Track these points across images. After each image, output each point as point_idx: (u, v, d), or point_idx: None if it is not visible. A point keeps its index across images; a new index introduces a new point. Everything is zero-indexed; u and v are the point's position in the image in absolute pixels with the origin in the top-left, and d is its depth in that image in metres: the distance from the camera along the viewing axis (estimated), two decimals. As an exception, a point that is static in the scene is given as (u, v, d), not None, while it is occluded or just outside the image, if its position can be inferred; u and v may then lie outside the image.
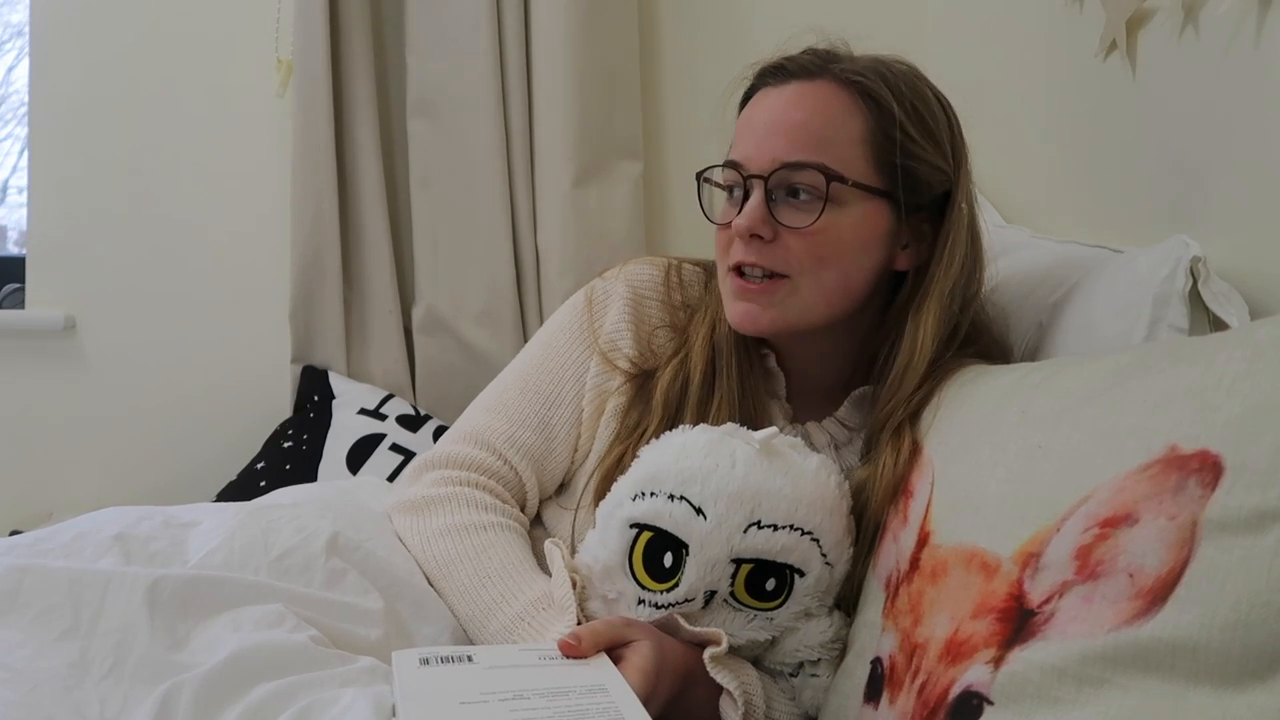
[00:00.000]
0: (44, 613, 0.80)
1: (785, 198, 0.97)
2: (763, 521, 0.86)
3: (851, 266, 0.99)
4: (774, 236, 0.97)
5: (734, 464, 0.87)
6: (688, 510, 0.86)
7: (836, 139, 0.97)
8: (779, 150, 0.97)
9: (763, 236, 0.96)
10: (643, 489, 0.89)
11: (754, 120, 1.02)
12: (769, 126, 0.99)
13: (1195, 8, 1.07)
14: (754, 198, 0.97)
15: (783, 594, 0.88)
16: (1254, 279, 0.97)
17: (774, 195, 0.97)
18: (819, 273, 0.97)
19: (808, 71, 1.00)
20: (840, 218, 0.96)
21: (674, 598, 0.87)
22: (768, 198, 0.97)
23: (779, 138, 0.98)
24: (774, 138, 0.98)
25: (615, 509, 0.90)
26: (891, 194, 0.98)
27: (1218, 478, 0.59)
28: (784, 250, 0.97)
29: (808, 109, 0.98)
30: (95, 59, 1.80)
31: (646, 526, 0.87)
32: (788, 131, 0.98)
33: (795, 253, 0.97)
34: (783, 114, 0.99)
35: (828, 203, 0.95)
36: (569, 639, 0.82)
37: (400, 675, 0.77)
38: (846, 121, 0.98)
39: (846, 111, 0.98)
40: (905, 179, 0.98)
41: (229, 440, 1.75)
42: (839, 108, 0.98)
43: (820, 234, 0.96)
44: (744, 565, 0.86)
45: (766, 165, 0.97)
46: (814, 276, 0.97)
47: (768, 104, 1.01)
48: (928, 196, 1.00)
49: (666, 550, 0.87)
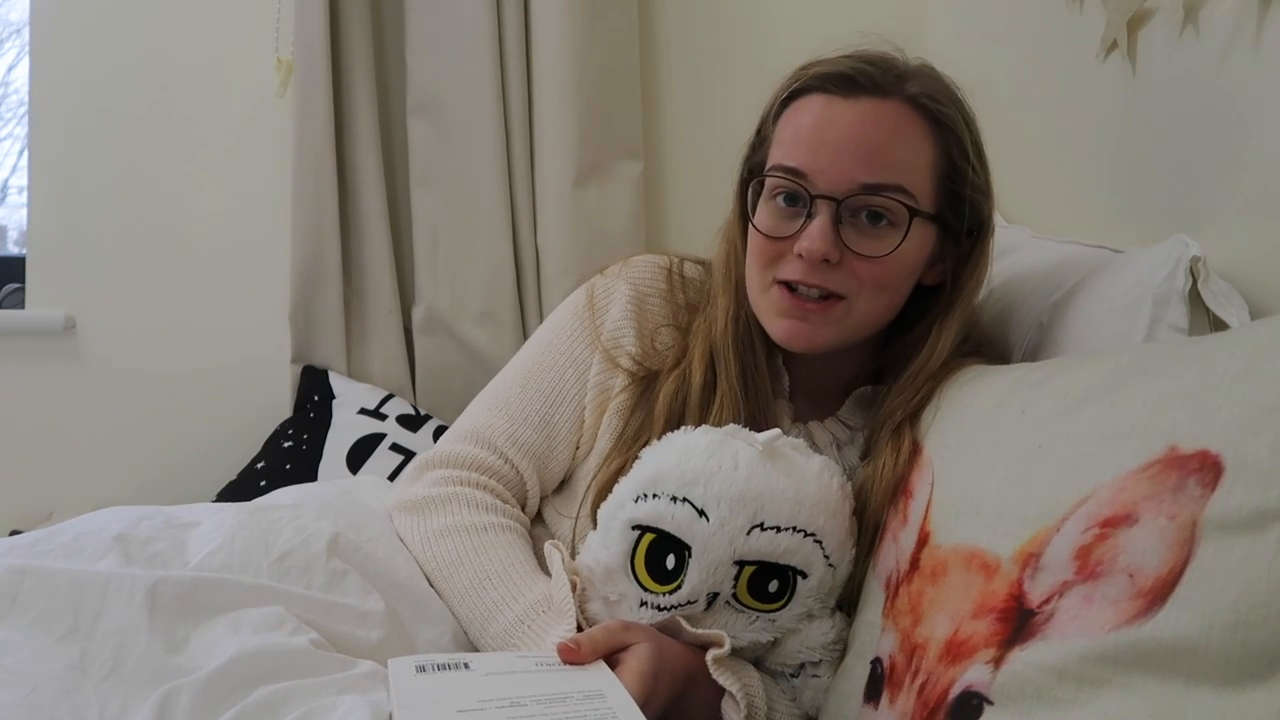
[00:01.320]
0: (44, 614, 0.79)
1: (850, 218, 0.94)
2: (765, 523, 0.86)
3: (902, 290, 0.99)
4: (840, 260, 0.94)
5: (736, 466, 0.87)
6: (690, 512, 0.86)
7: (913, 165, 0.95)
8: (856, 171, 0.93)
9: (830, 261, 0.94)
10: (645, 491, 0.89)
11: (820, 131, 0.96)
12: (843, 143, 0.94)
13: (1195, 8, 1.07)
14: (823, 219, 0.93)
15: (785, 596, 0.88)
16: (1254, 279, 0.97)
17: (840, 217, 0.94)
18: (876, 296, 0.96)
19: (880, 89, 0.96)
20: (906, 245, 0.95)
21: (676, 600, 0.87)
22: (836, 219, 0.94)
23: (856, 156, 0.93)
24: (850, 155, 0.93)
25: (617, 511, 0.90)
26: (946, 219, 0.98)
27: (1218, 477, 0.59)
28: (848, 274, 0.95)
29: (886, 130, 0.95)
30: (95, 58, 1.79)
31: (649, 528, 0.87)
32: (865, 150, 0.94)
33: (860, 277, 0.95)
34: (858, 132, 0.94)
35: (907, 234, 0.93)
36: (568, 644, 0.82)
37: (396, 683, 0.77)
38: (921, 147, 0.96)
39: (921, 137, 0.96)
40: (961, 208, 0.98)
41: (229, 440, 1.75)
42: (914, 133, 0.96)
43: (890, 262, 0.94)
44: (747, 567, 0.86)
45: (842, 185, 0.93)
46: (871, 300, 0.96)
47: (835, 116, 0.96)
48: (974, 222, 1.00)
49: (669, 552, 0.87)
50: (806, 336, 0.97)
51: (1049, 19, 1.38)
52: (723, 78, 1.83)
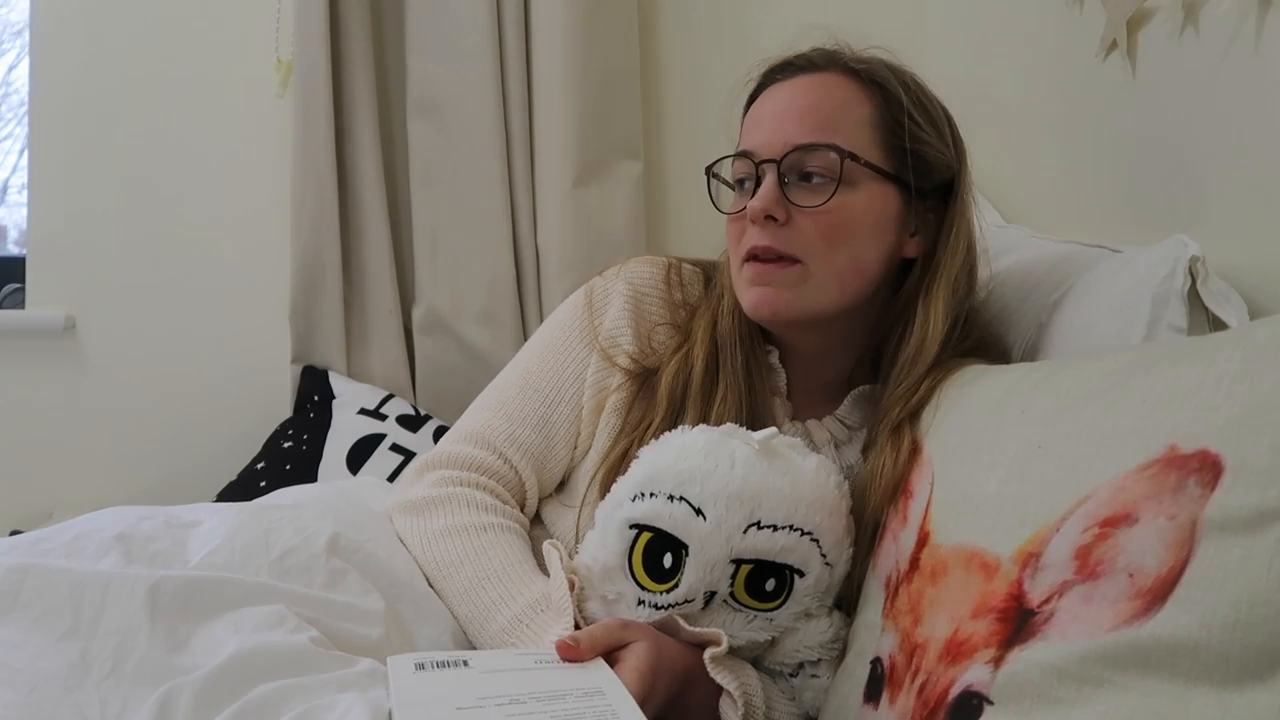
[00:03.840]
0: (45, 613, 0.79)
1: (798, 181, 0.98)
2: (762, 522, 0.86)
3: (862, 249, 1.00)
4: (787, 219, 0.97)
5: (733, 464, 0.87)
6: (687, 511, 0.86)
7: (846, 121, 0.99)
8: (790, 134, 0.98)
9: (776, 219, 0.97)
10: (642, 490, 0.89)
11: (763, 112, 1.03)
12: (778, 114, 1.01)
13: (1195, 8, 1.07)
14: (767, 181, 0.98)
15: (782, 594, 0.88)
16: (1253, 278, 0.97)
17: (786, 179, 0.98)
18: (832, 254, 0.98)
19: (814, 65, 1.03)
20: (852, 198, 0.98)
21: (674, 598, 0.87)
22: (780, 181, 0.98)
23: (789, 123, 0.99)
24: (784, 123, 1.00)
25: (615, 510, 0.90)
26: (900, 178, 1.00)
27: (1217, 477, 0.59)
28: (797, 233, 0.98)
29: (816, 94, 1.01)
30: (95, 58, 1.80)
31: (646, 527, 0.87)
32: (798, 116, 0.99)
33: (808, 234, 0.97)
34: (792, 101, 1.01)
35: (840, 183, 0.97)
36: (567, 641, 0.82)
37: (396, 681, 0.77)
38: (855, 106, 1.00)
39: (854, 97, 1.01)
40: (913, 162, 1.00)
41: (229, 440, 1.75)
42: (847, 93, 1.01)
43: (833, 213, 0.97)
44: (744, 566, 0.86)
45: (779, 149, 0.98)
46: (827, 259, 0.98)
47: (776, 96, 1.03)
48: (934, 182, 1.02)
49: (666, 551, 0.87)
50: (770, 301, 0.99)
51: (1049, 19, 1.38)
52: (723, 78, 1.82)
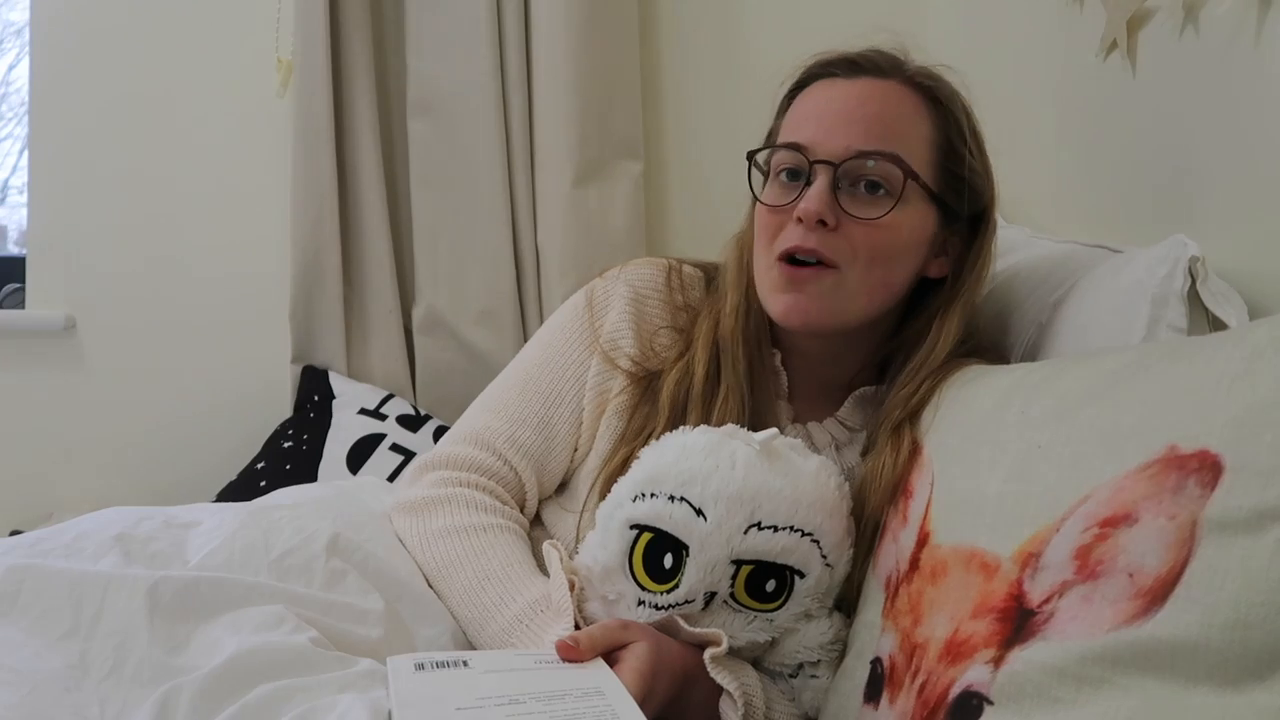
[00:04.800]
0: (44, 614, 0.79)
1: (849, 188, 0.96)
2: (763, 523, 0.86)
3: (897, 266, 0.99)
4: (836, 225, 0.95)
5: (734, 465, 0.87)
6: (688, 511, 0.86)
7: (910, 137, 0.97)
8: (853, 138, 0.95)
9: (827, 223, 0.95)
10: (643, 490, 0.89)
11: (819, 108, 1.00)
12: (841, 115, 0.97)
13: (1195, 8, 1.07)
14: (820, 182, 0.95)
15: (783, 595, 0.88)
16: (1253, 279, 0.97)
17: (839, 184, 0.95)
18: (870, 267, 0.96)
19: (879, 69, 1.00)
20: (902, 216, 0.96)
21: (674, 599, 0.87)
22: (834, 185, 0.95)
23: (853, 126, 0.96)
24: (848, 126, 0.96)
25: (615, 510, 0.90)
26: (945, 202, 0.99)
27: (1217, 477, 0.59)
28: (843, 240, 0.95)
29: (881, 102, 0.98)
30: (95, 59, 1.80)
31: (647, 528, 0.87)
32: (862, 120, 0.96)
33: (855, 244, 0.95)
34: (857, 104, 0.98)
35: (900, 199, 0.95)
36: (566, 642, 0.82)
37: (395, 681, 0.77)
38: (918, 122, 0.98)
39: (917, 112, 0.99)
40: (960, 188, 0.99)
41: (229, 440, 1.75)
42: (910, 107, 0.99)
43: (884, 229, 0.95)
44: (744, 566, 0.86)
45: (839, 152, 0.95)
46: (865, 271, 0.96)
47: (836, 93, 1.00)
48: (972, 209, 1.01)
49: (666, 551, 0.87)
50: (802, 310, 0.97)
51: (1049, 19, 1.38)
52: (723, 78, 1.83)
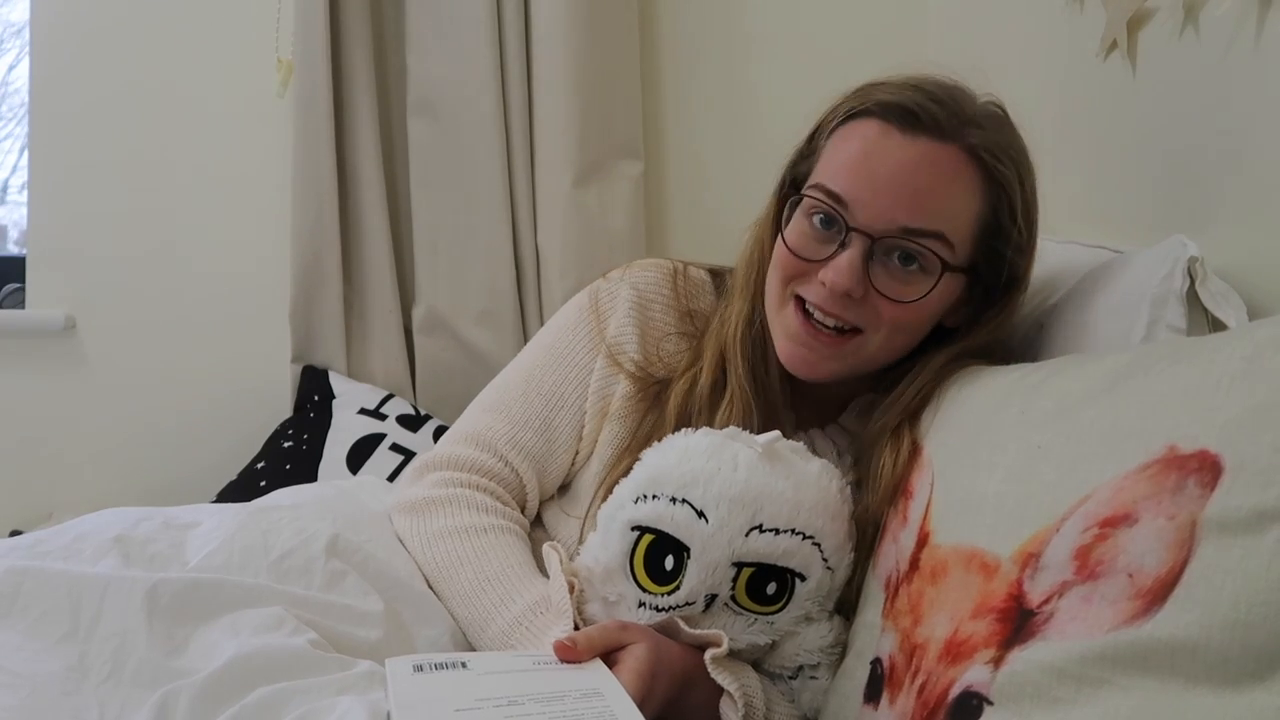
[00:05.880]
0: (43, 616, 0.79)
1: (883, 256, 0.92)
2: (764, 525, 0.85)
3: (919, 334, 0.98)
4: (863, 297, 0.93)
5: (736, 467, 0.87)
6: (689, 513, 0.86)
7: (957, 216, 0.93)
8: (899, 212, 0.91)
9: (852, 296, 0.92)
10: (644, 491, 0.88)
11: (872, 164, 0.93)
12: (892, 181, 0.92)
13: (1195, 8, 1.07)
14: (854, 252, 0.91)
15: (784, 598, 0.88)
16: (1253, 279, 0.96)
17: (873, 253, 0.92)
18: (892, 336, 0.95)
19: (940, 130, 0.92)
20: (934, 294, 0.94)
21: (675, 600, 0.86)
22: (868, 255, 0.92)
23: (901, 197, 0.91)
24: (896, 195, 0.91)
25: (617, 511, 0.90)
26: (980, 274, 0.97)
27: (1217, 477, 0.59)
28: (869, 311, 0.93)
29: (936, 174, 0.92)
30: (95, 59, 1.80)
31: (648, 529, 0.87)
32: (913, 194, 0.91)
33: (881, 316, 0.93)
34: (910, 173, 0.92)
35: (935, 285, 0.92)
36: (564, 643, 0.82)
37: (394, 683, 0.77)
38: (969, 201, 0.94)
39: (971, 190, 0.94)
40: (998, 264, 0.96)
41: (229, 440, 1.75)
42: (965, 184, 0.93)
43: (915, 308, 0.93)
44: (745, 569, 0.86)
45: (880, 224, 0.91)
46: (887, 339, 0.95)
47: (891, 153, 0.92)
48: (1009, 278, 0.98)
49: (668, 553, 0.87)
50: (811, 366, 0.97)
51: (1049, 19, 1.38)
52: (723, 78, 1.83)
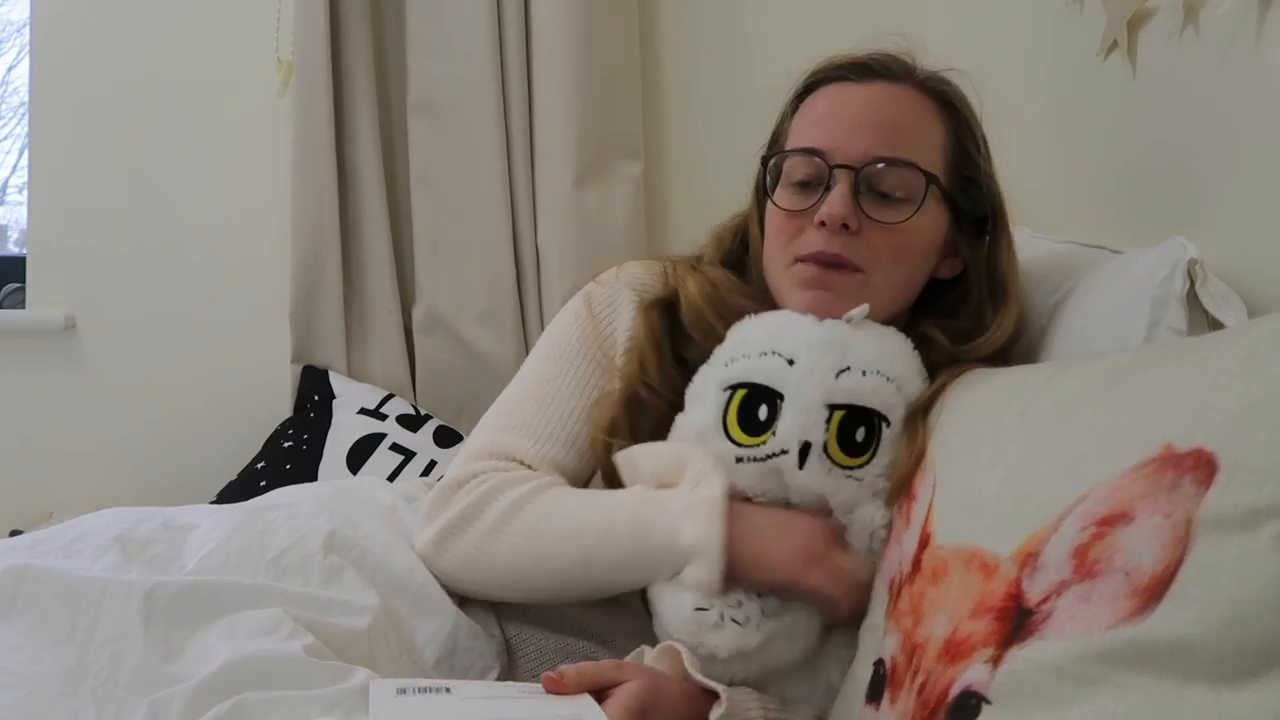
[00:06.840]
0: (41, 618, 0.80)
1: (868, 193, 0.96)
2: (852, 367, 0.89)
3: (917, 268, 1.00)
4: (859, 229, 0.95)
5: (820, 323, 0.93)
6: (780, 362, 0.90)
7: (924, 143, 0.98)
8: (872, 144, 0.96)
9: (850, 227, 0.95)
10: (733, 355, 0.93)
11: (836, 110, 0.99)
12: (857, 119, 0.97)
13: (1195, 8, 1.07)
14: (841, 188, 0.95)
15: (871, 446, 0.90)
16: (1253, 279, 0.97)
17: (859, 189, 0.95)
18: (894, 270, 0.97)
19: (891, 74, 1.00)
20: (922, 220, 0.97)
21: (771, 449, 0.89)
22: (854, 190, 0.95)
23: (870, 132, 0.96)
24: (865, 131, 0.96)
25: (709, 376, 0.94)
26: (957, 203, 1.00)
27: (1212, 476, 0.59)
28: (866, 244, 0.96)
29: (897, 108, 0.98)
30: (95, 58, 1.80)
31: (740, 384, 0.91)
32: (880, 127, 0.97)
33: (877, 248, 0.96)
34: (874, 110, 0.98)
35: (920, 206, 0.96)
36: (552, 675, 0.80)
37: (376, 705, 0.76)
38: (932, 127, 0.99)
39: (931, 117, 1.00)
40: (971, 191, 1.00)
41: (229, 440, 1.75)
42: (925, 112, 1.00)
43: (906, 233, 0.96)
44: (836, 412, 0.89)
45: (858, 157, 0.95)
46: (889, 274, 0.97)
47: (850, 97, 1.00)
48: (980, 211, 1.02)
49: (761, 404, 0.90)
50: (828, 307, 0.95)
51: (1049, 19, 1.38)
52: (723, 78, 1.83)
